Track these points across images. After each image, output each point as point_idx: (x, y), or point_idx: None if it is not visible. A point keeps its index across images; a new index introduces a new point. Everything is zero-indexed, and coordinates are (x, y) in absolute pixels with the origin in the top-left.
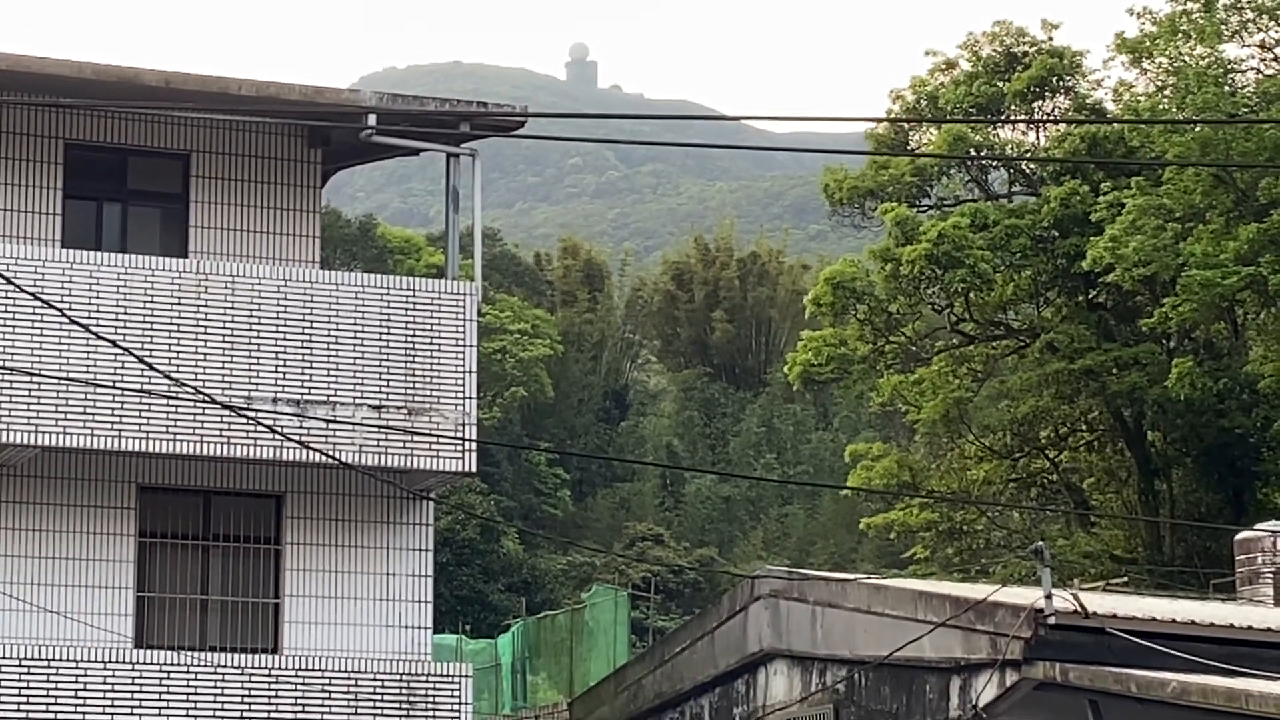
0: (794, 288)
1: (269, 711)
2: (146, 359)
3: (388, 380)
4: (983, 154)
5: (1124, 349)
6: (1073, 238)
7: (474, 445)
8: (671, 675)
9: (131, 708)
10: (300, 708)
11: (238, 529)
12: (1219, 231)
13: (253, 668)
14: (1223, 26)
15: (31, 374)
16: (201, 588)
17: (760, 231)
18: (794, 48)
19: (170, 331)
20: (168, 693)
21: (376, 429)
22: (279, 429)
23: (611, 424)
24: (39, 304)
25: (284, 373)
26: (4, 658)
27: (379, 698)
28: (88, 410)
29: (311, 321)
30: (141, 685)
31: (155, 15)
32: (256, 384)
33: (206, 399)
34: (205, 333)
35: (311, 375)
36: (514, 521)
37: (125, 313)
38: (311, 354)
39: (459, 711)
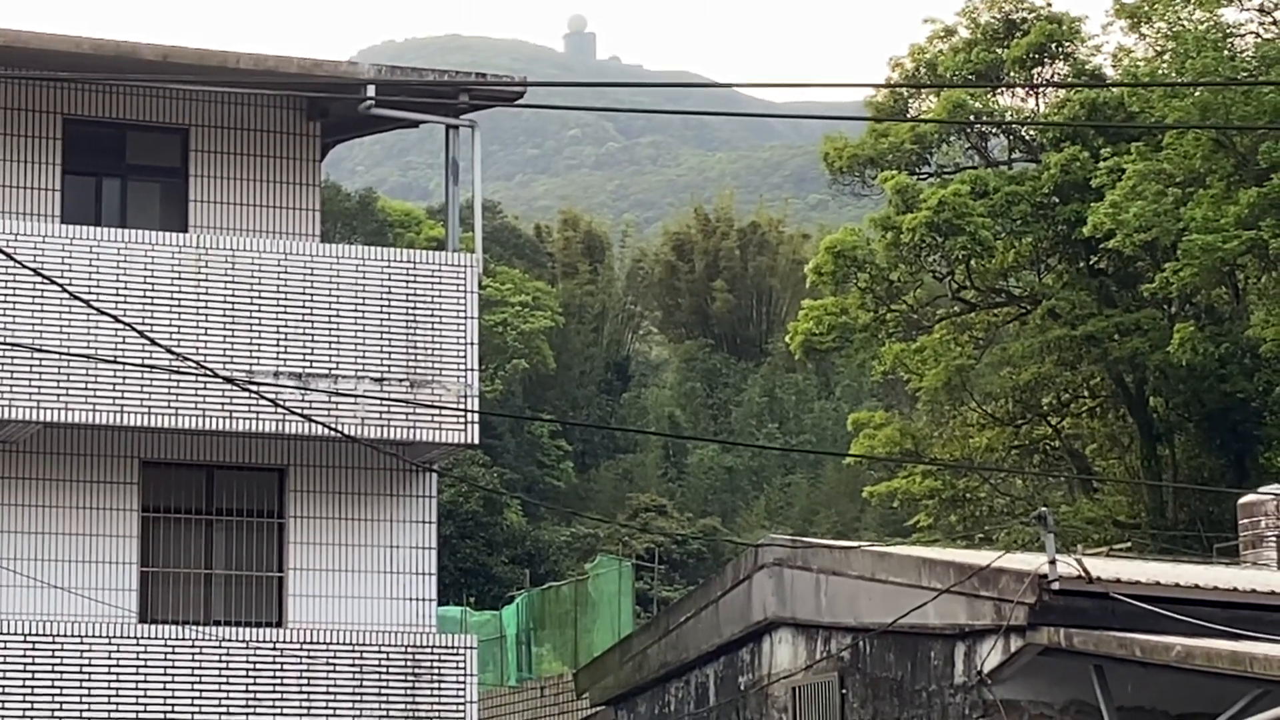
0: (794, 257)
1: (274, 685)
2: (148, 334)
3: (389, 353)
4: (982, 120)
5: (1125, 315)
6: (1073, 204)
7: (476, 417)
8: (676, 645)
9: (136, 682)
10: (305, 681)
11: (241, 503)
12: (1219, 196)
13: (257, 641)
14: None
15: (33, 349)
16: (205, 562)
17: (760, 201)
18: (793, 17)
19: (171, 306)
20: (172, 667)
21: (379, 401)
22: (281, 402)
23: (613, 395)
24: (39, 279)
25: (285, 346)
26: (9, 633)
27: (384, 670)
28: (89, 385)
29: (312, 295)
30: (146, 660)
31: None
32: (258, 358)
33: (208, 373)
34: (206, 307)
35: (313, 349)
36: (517, 493)
37: (126, 288)
38: (313, 327)
39: (464, 683)
